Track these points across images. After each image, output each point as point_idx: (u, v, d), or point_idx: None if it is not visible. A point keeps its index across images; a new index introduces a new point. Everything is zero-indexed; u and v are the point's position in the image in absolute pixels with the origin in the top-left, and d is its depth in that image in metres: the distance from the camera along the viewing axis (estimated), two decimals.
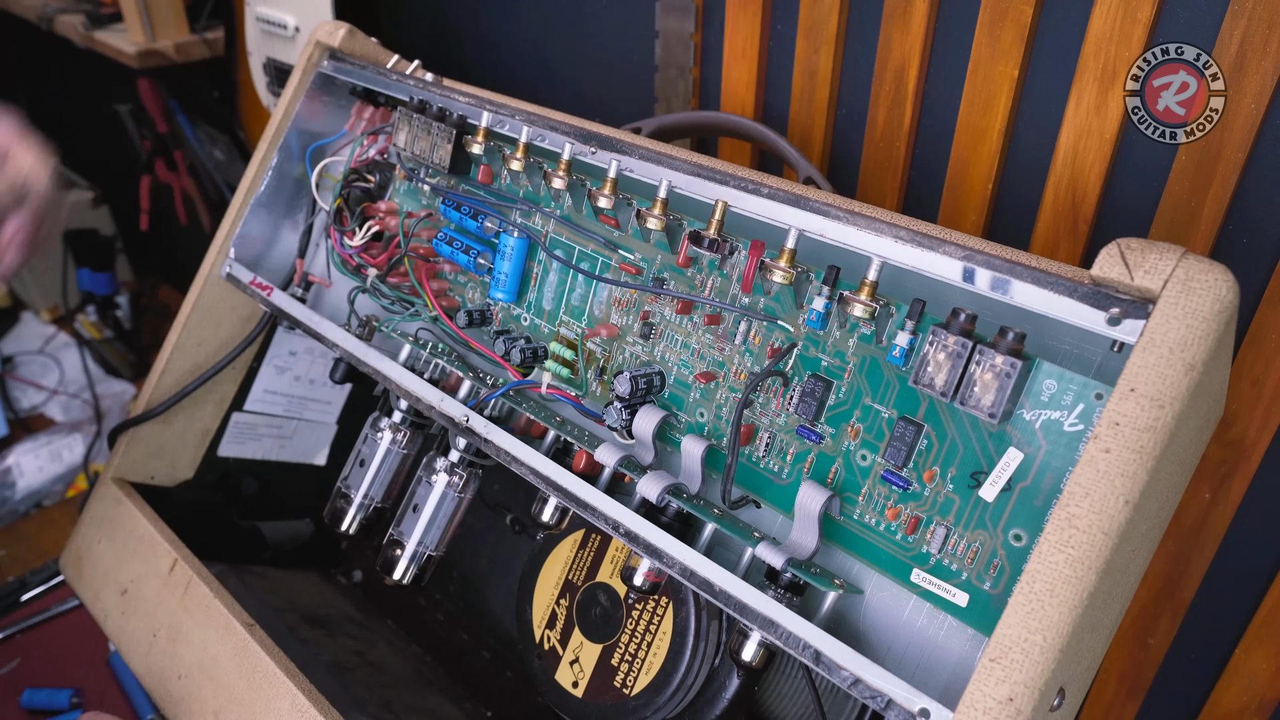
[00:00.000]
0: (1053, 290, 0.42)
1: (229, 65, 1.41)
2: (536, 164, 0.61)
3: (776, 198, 0.51)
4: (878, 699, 0.42)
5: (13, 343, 1.86)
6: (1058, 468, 0.43)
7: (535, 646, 0.67)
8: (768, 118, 0.82)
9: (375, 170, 0.75)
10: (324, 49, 0.77)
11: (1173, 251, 0.39)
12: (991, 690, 0.38)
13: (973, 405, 0.43)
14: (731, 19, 0.79)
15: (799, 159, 0.73)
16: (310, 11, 1.10)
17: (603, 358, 0.60)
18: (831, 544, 0.51)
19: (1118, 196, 0.63)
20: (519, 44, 1.07)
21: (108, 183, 2.05)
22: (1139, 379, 0.38)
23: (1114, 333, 0.40)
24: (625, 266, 0.58)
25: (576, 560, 0.66)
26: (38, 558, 1.30)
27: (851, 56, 0.74)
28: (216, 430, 0.86)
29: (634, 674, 0.61)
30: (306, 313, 0.71)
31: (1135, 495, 0.37)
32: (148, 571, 0.74)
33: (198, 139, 1.66)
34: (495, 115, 0.63)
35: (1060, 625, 0.38)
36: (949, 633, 0.47)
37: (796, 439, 0.52)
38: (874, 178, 0.76)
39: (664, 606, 0.60)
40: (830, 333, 0.50)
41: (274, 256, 0.80)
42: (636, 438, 0.56)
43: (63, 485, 1.54)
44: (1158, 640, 0.72)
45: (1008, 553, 0.44)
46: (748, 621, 0.47)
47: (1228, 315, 0.38)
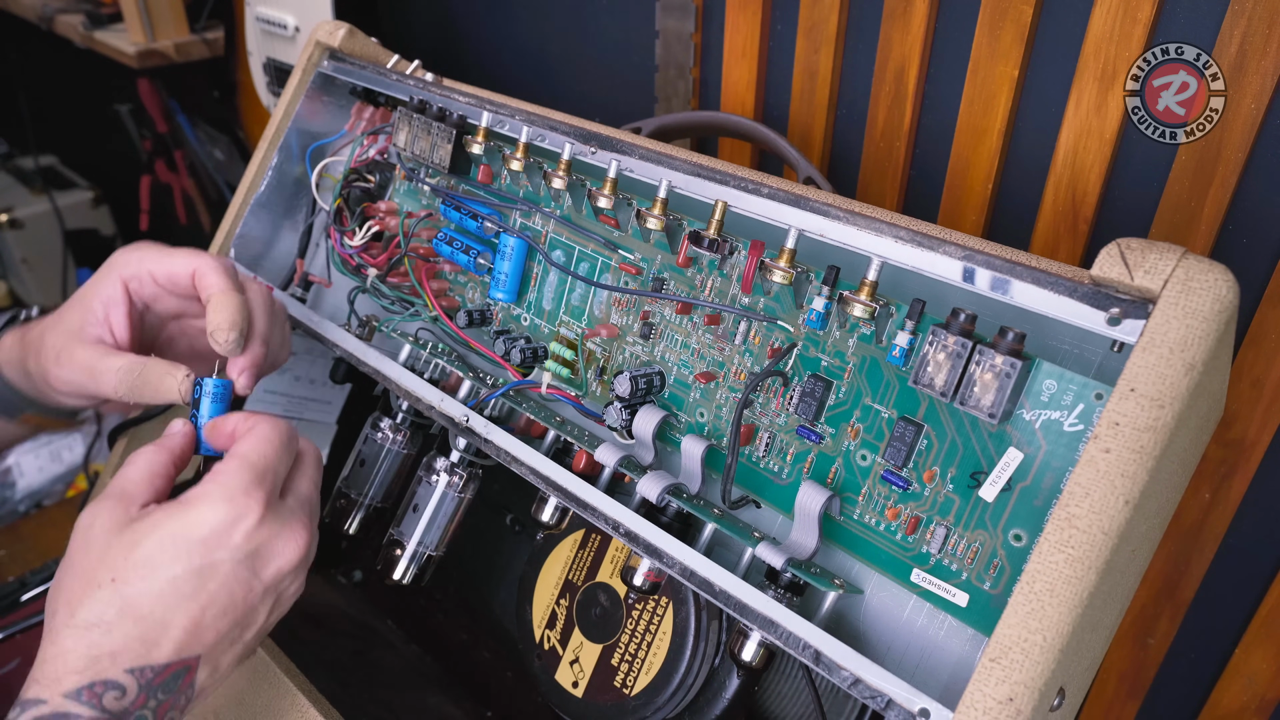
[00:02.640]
0: (1053, 290, 0.42)
1: (229, 65, 1.41)
2: (536, 164, 0.61)
3: (776, 198, 0.51)
4: (878, 699, 0.42)
5: None
6: (1058, 468, 0.43)
7: (535, 646, 0.67)
8: (768, 118, 0.82)
9: (375, 170, 0.75)
10: (324, 49, 0.77)
11: (1173, 251, 0.39)
12: (991, 690, 0.38)
13: (973, 405, 0.43)
14: (731, 19, 0.79)
15: (799, 159, 0.73)
16: (310, 11, 1.10)
17: (603, 358, 0.60)
18: (831, 544, 0.51)
19: (1118, 196, 0.63)
20: (519, 44, 1.07)
21: (108, 183, 2.06)
22: (1139, 379, 0.38)
23: (1114, 333, 0.40)
24: (625, 266, 0.58)
25: (576, 560, 0.66)
26: (38, 558, 1.30)
27: (851, 56, 0.74)
28: None
29: (634, 674, 0.61)
30: (306, 313, 0.71)
31: (1135, 495, 0.37)
32: None
33: (198, 139, 1.66)
34: (495, 115, 0.63)
35: (1060, 625, 0.38)
36: (949, 633, 0.47)
37: (796, 439, 0.52)
38: (874, 178, 0.76)
39: (664, 606, 0.60)
40: (830, 333, 0.50)
41: (274, 256, 0.80)
42: (636, 438, 0.56)
43: (63, 485, 1.54)
44: (1158, 640, 0.72)
45: (1008, 553, 0.44)
46: (748, 621, 0.47)
47: (1228, 315, 0.38)
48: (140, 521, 0.47)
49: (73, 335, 0.58)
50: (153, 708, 0.45)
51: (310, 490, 0.52)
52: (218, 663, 0.48)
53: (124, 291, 0.59)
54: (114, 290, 0.58)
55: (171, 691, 0.45)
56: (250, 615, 0.48)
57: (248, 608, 0.48)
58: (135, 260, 0.59)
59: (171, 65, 1.40)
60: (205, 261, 0.57)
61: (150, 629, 0.45)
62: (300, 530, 0.49)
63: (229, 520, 0.47)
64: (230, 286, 0.56)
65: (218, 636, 0.47)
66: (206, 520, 0.46)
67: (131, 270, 0.59)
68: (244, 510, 0.47)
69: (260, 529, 0.47)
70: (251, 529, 0.47)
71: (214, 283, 0.56)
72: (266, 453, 0.49)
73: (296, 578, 0.50)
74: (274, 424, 0.51)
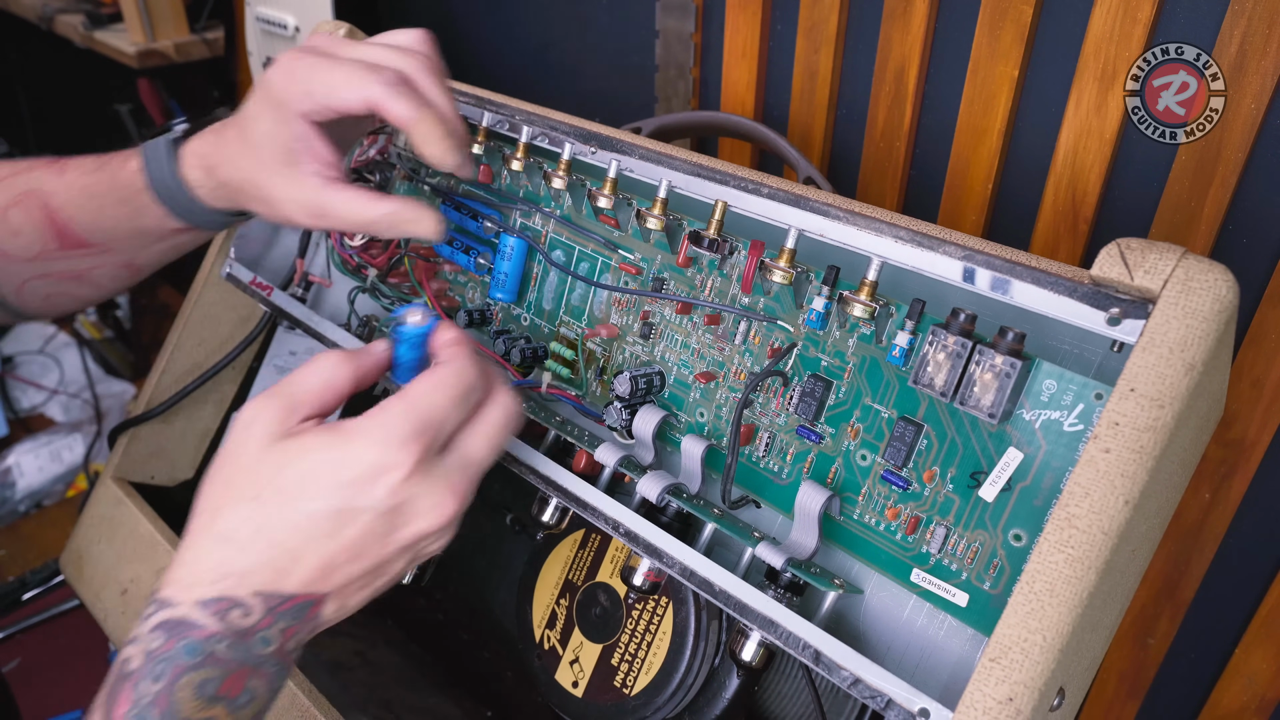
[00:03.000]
0: (1053, 290, 0.42)
1: (229, 65, 1.41)
2: (536, 164, 0.61)
3: (776, 198, 0.51)
4: (877, 699, 0.42)
5: (13, 343, 1.86)
6: (1058, 468, 0.43)
7: (535, 646, 0.67)
8: (768, 118, 0.82)
9: (376, 170, 0.75)
10: None
11: (1173, 251, 0.39)
12: (991, 690, 0.38)
13: (972, 405, 0.43)
14: (731, 19, 0.79)
15: (799, 159, 0.73)
16: (310, 11, 1.10)
17: (603, 358, 0.60)
18: (831, 544, 0.51)
19: (1118, 196, 0.63)
20: (519, 44, 1.07)
21: None
22: (1139, 379, 0.38)
23: (1114, 333, 0.40)
24: (625, 266, 0.58)
25: (576, 560, 0.66)
26: (38, 558, 1.30)
27: (851, 56, 0.74)
28: (216, 430, 0.86)
29: (634, 674, 0.61)
30: (306, 313, 0.71)
31: (1135, 495, 0.37)
32: (148, 571, 0.74)
33: None
34: (495, 115, 0.63)
35: (1060, 625, 0.38)
36: (949, 633, 0.47)
37: (796, 439, 0.52)
38: (874, 178, 0.76)
39: (664, 606, 0.60)
40: (830, 333, 0.50)
41: (274, 256, 0.80)
42: (636, 438, 0.56)
43: (63, 485, 1.54)
44: (1158, 640, 0.72)
45: (1008, 553, 0.44)
46: (748, 621, 0.47)
47: (1228, 315, 0.38)
48: (295, 439, 0.45)
49: (289, 179, 0.56)
50: (279, 629, 0.44)
51: (480, 452, 0.49)
52: (345, 602, 0.47)
53: (311, 128, 0.56)
54: (301, 128, 0.55)
55: (297, 620, 0.45)
56: (383, 567, 0.47)
57: (381, 559, 0.46)
58: (302, 94, 0.55)
59: (171, 65, 1.40)
60: (378, 91, 0.53)
61: (281, 557, 0.44)
62: (449, 497, 0.46)
63: (377, 468, 0.44)
64: (419, 108, 0.53)
65: (347, 580, 0.46)
66: (356, 461, 0.44)
67: (306, 106, 0.55)
68: (394, 462, 0.45)
69: (406, 485, 0.45)
70: (397, 484, 0.45)
71: (403, 112, 0.53)
72: (437, 402, 0.46)
73: (438, 539, 0.48)
74: (459, 370, 0.48)
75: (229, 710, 0.43)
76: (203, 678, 0.42)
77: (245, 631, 0.43)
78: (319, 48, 0.56)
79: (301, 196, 0.56)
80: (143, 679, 0.42)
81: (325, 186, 0.56)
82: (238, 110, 0.59)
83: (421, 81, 0.55)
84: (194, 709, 0.42)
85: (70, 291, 0.70)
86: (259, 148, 0.56)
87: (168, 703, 0.41)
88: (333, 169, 0.56)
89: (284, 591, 0.44)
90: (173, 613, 0.43)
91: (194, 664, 0.42)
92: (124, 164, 0.63)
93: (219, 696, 0.43)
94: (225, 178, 0.59)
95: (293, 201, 0.56)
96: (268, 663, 0.44)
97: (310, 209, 0.56)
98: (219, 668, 0.42)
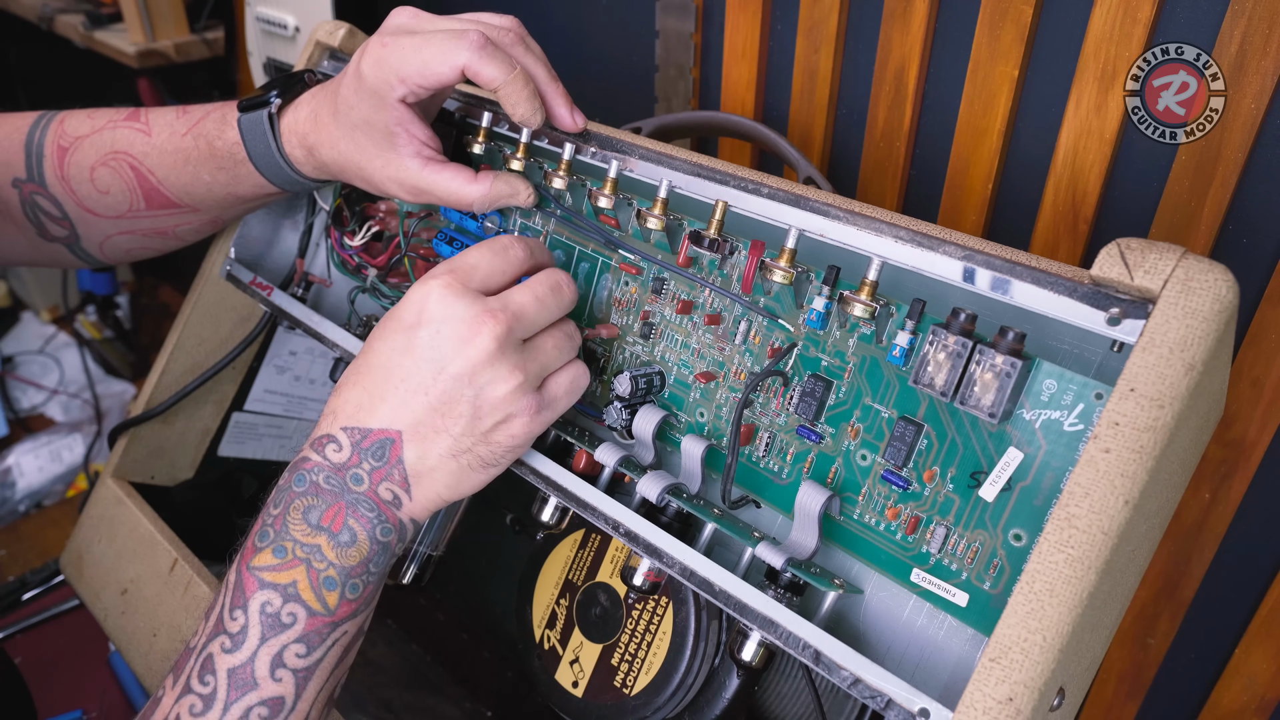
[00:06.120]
0: (1053, 290, 0.42)
1: (229, 65, 1.41)
2: (537, 164, 0.61)
3: (776, 198, 0.51)
4: (877, 699, 0.42)
5: (13, 343, 1.86)
6: (1058, 468, 0.43)
7: (535, 646, 0.67)
8: (768, 118, 0.82)
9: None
10: (324, 49, 0.77)
11: (1172, 251, 0.39)
12: (991, 690, 0.38)
13: (973, 405, 0.43)
14: (731, 19, 0.79)
15: (799, 159, 0.73)
16: (310, 11, 1.10)
17: (603, 358, 0.60)
18: (831, 544, 0.51)
19: (1118, 196, 0.63)
20: None
21: None
22: (1139, 379, 0.38)
23: (1114, 333, 0.40)
24: (625, 266, 0.58)
25: (576, 560, 0.66)
26: (38, 558, 1.30)
27: (851, 56, 0.74)
28: (216, 430, 0.86)
29: (634, 674, 0.61)
30: (306, 312, 0.71)
31: (1135, 495, 0.38)
32: (148, 571, 0.74)
33: None
34: (495, 115, 0.63)
35: (1060, 625, 0.38)
36: (949, 633, 0.47)
37: (796, 439, 0.52)
38: (874, 178, 0.76)
39: (664, 606, 0.60)
40: (830, 333, 0.50)
41: (274, 256, 0.80)
42: (636, 438, 0.56)
43: (63, 485, 1.54)
44: (1158, 640, 0.72)
45: (1008, 553, 0.44)
46: (748, 621, 0.47)
47: (1228, 315, 0.38)
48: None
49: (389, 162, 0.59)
50: (366, 470, 0.50)
51: (520, 296, 0.52)
52: (425, 448, 0.50)
53: (407, 110, 0.57)
54: (398, 113, 0.57)
55: (382, 460, 0.50)
56: (445, 404, 0.50)
57: (440, 393, 0.50)
58: (396, 81, 0.56)
59: (171, 65, 1.40)
60: (467, 56, 0.54)
61: (363, 395, 0.51)
62: (476, 322, 0.50)
63: (416, 297, 0.51)
64: (508, 69, 0.55)
65: (414, 416, 0.50)
66: (404, 301, 0.51)
67: (401, 92, 0.56)
68: (428, 289, 0.51)
69: (437, 306, 0.50)
70: (432, 303, 0.50)
71: (494, 74, 0.55)
72: (469, 252, 0.53)
73: (492, 377, 0.50)
74: (492, 240, 0.54)
75: (331, 543, 0.49)
76: (307, 504, 0.50)
77: (340, 466, 0.50)
78: (405, 26, 0.58)
79: (402, 176, 0.59)
80: (269, 507, 0.51)
81: (425, 167, 0.59)
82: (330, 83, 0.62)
83: (505, 40, 0.57)
84: (301, 532, 0.49)
85: (153, 246, 0.74)
86: (357, 132, 0.59)
87: (282, 524, 0.50)
88: (430, 148, 0.59)
89: (365, 426, 0.50)
90: (297, 456, 0.52)
91: (301, 491, 0.50)
92: (220, 133, 0.65)
93: (322, 526, 0.49)
94: (326, 159, 0.62)
95: (394, 181, 0.60)
96: (362, 503, 0.50)
97: (411, 189, 0.60)
98: (321, 499, 0.50)
